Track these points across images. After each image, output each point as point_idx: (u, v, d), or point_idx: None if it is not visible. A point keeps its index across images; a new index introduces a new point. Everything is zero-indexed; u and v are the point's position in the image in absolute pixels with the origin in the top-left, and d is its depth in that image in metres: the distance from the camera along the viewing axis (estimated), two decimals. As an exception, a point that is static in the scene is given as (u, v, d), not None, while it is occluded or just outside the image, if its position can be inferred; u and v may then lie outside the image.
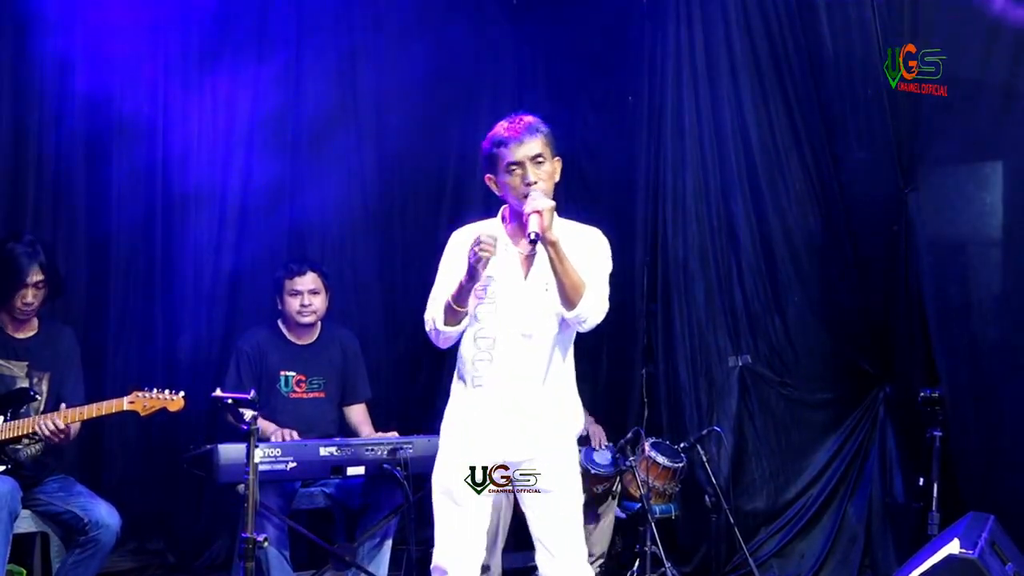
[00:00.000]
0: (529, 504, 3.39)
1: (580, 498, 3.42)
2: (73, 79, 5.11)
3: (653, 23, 5.97)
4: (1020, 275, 4.81)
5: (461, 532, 3.34)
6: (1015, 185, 4.85)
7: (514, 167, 3.27)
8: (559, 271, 3.19)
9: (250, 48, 5.59)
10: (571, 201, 6.28)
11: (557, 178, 3.36)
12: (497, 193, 3.38)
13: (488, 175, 3.37)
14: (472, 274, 3.16)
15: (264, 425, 4.66)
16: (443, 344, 3.34)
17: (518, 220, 3.31)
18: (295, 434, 4.66)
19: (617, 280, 5.96)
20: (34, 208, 5.00)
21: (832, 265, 5.48)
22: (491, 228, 3.36)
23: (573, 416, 3.45)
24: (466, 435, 3.35)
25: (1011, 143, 4.82)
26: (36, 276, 4.30)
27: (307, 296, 4.88)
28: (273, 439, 4.60)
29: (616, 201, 6.09)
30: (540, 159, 3.28)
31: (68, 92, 5.11)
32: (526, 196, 3.23)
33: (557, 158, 3.36)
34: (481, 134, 6.65)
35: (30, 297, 4.31)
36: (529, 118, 3.33)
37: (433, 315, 3.28)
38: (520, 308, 3.31)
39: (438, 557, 3.35)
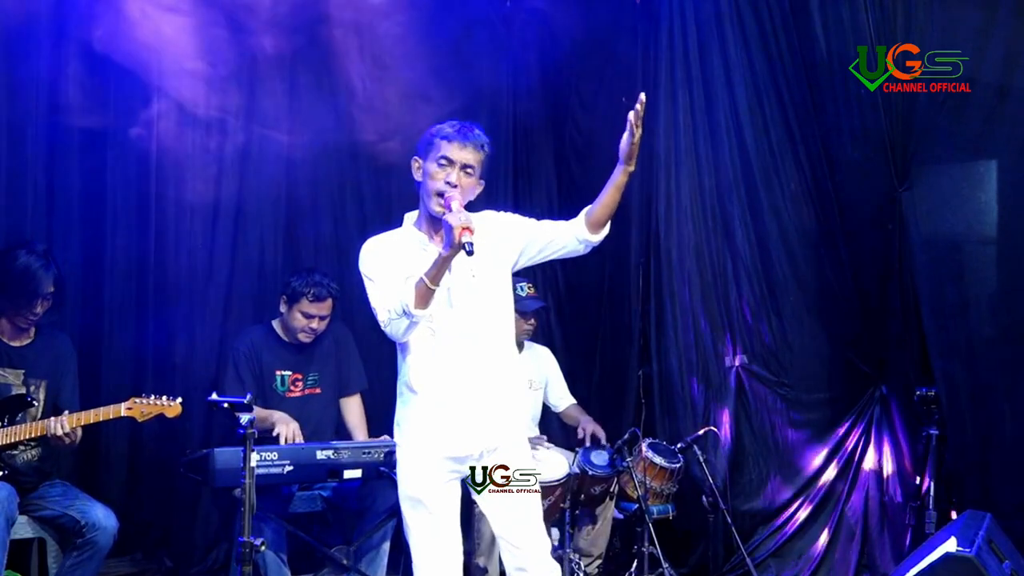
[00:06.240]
0: (487, 501, 3.41)
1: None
2: (67, 83, 5.11)
3: (646, 23, 5.97)
4: (1015, 273, 4.83)
5: (439, 540, 3.38)
6: (1009, 184, 4.87)
7: (445, 162, 3.39)
8: (615, 200, 3.38)
9: (244, 50, 5.58)
10: (564, 202, 6.33)
11: (472, 198, 3.46)
12: (416, 178, 3.48)
13: (417, 158, 3.47)
14: (454, 245, 3.19)
15: (266, 413, 4.68)
16: (404, 335, 3.33)
17: (430, 222, 3.42)
18: (298, 430, 4.66)
19: (612, 280, 6.04)
20: (31, 214, 4.99)
21: (827, 264, 5.49)
22: (408, 236, 3.48)
23: (521, 406, 3.53)
24: (424, 438, 3.39)
25: (1005, 142, 4.84)
26: (50, 288, 4.32)
27: (317, 321, 4.89)
28: (278, 428, 4.62)
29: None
30: (470, 171, 3.41)
31: (62, 96, 5.11)
32: (440, 193, 3.35)
33: (482, 181, 3.48)
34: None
35: (39, 308, 4.32)
36: (480, 132, 3.45)
37: (402, 300, 3.26)
38: (454, 301, 3.37)
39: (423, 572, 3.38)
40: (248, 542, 3.42)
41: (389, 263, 3.39)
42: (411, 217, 3.54)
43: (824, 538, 5.44)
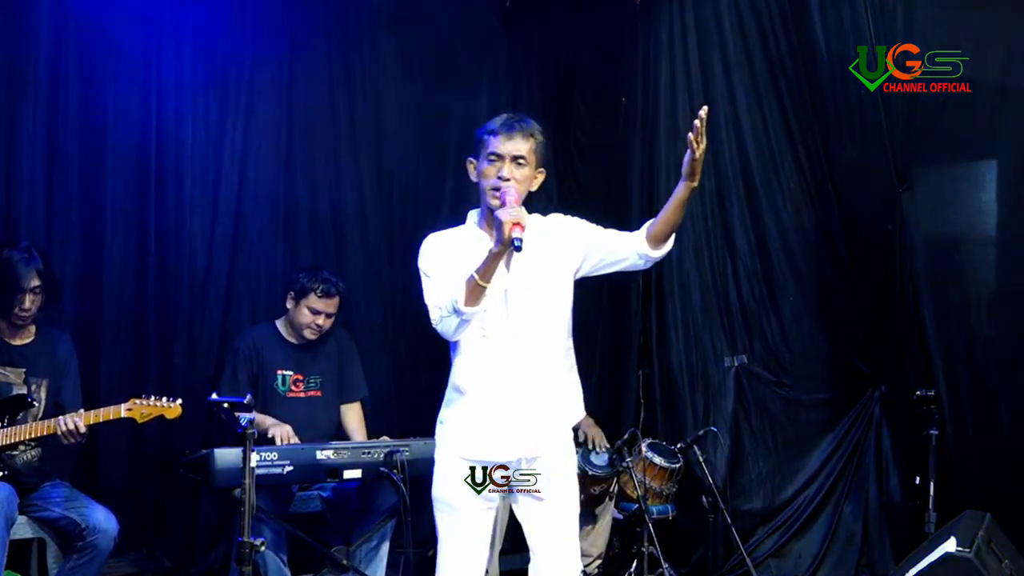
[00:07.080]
0: (525, 511, 3.34)
1: (576, 505, 3.39)
2: (67, 82, 5.11)
3: (646, 24, 5.96)
4: (1015, 273, 4.82)
5: (465, 545, 3.31)
6: (1009, 184, 4.86)
7: (494, 158, 3.28)
8: (678, 216, 3.34)
9: (244, 50, 5.59)
10: (563, 202, 6.32)
11: (535, 187, 3.37)
12: (472, 178, 3.39)
13: (471, 158, 3.38)
14: (504, 242, 3.11)
15: (261, 418, 4.67)
16: (456, 334, 3.25)
17: (490, 219, 3.28)
18: (292, 432, 4.66)
19: (612, 281, 6.04)
20: (27, 215, 5.00)
21: (827, 265, 5.48)
22: (469, 233, 3.38)
23: (571, 410, 3.43)
24: (462, 439, 3.32)
25: (1005, 142, 4.83)
26: (33, 282, 4.32)
27: (323, 318, 4.88)
28: (272, 431, 4.61)
29: (610, 202, 6.09)
30: (522, 161, 3.29)
31: (61, 97, 5.11)
32: (495, 189, 3.25)
33: (541, 169, 3.38)
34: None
35: (28, 303, 4.32)
36: (528, 121, 3.35)
37: (453, 296, 3.17)
38: (509, 300, 3.28)
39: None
40: (248, 542, 3.41)
41: (447, 260, 3.29)
42: (473, 215, 3.44)
43: (824, 538, 5.44)
